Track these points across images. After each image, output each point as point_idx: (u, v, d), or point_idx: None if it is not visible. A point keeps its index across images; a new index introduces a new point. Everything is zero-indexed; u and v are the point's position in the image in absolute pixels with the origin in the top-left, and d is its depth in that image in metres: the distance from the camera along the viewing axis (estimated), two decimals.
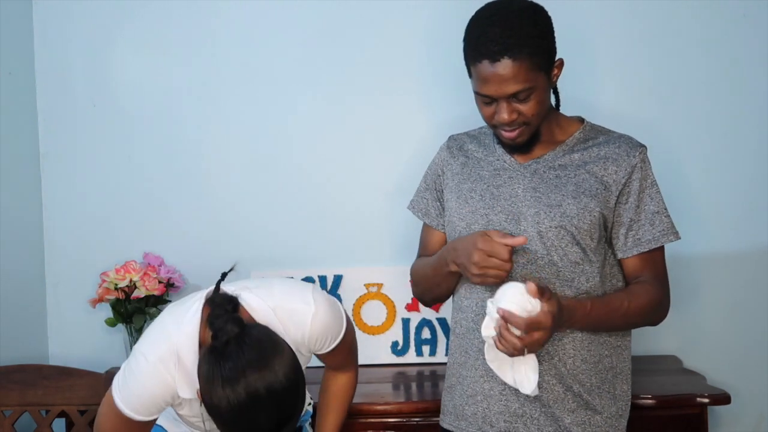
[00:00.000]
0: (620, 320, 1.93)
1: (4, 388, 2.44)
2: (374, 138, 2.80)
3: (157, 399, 1.79)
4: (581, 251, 1.93)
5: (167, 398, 1.80)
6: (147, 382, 1.78)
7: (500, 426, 1.96)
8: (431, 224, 2.15)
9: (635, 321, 1.97)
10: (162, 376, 1.77)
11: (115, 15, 2.77)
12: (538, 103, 1.89)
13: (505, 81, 1.85)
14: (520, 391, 1.87)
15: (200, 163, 2.81)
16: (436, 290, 2.10)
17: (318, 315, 1.87)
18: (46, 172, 2.81)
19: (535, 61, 1.85)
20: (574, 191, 1.93)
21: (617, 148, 1.95)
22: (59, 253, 2.82)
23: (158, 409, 1.82)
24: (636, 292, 1.94)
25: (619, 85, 2.76)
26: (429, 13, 2.74)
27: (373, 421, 2.40)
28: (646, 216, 1.94)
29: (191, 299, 1.85)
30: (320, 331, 1.88)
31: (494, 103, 1.90)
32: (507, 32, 1.84)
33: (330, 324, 1.90)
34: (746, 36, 2.74)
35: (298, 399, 1.69)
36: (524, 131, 1.93)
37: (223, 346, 1.66)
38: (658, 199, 1.96)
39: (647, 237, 1.94)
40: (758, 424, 2.82)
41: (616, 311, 1.91)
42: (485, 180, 2.01)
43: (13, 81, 2.71)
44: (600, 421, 1.95)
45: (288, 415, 1.68)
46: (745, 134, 2.77)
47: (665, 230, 1.95)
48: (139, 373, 1.78)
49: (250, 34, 2.79)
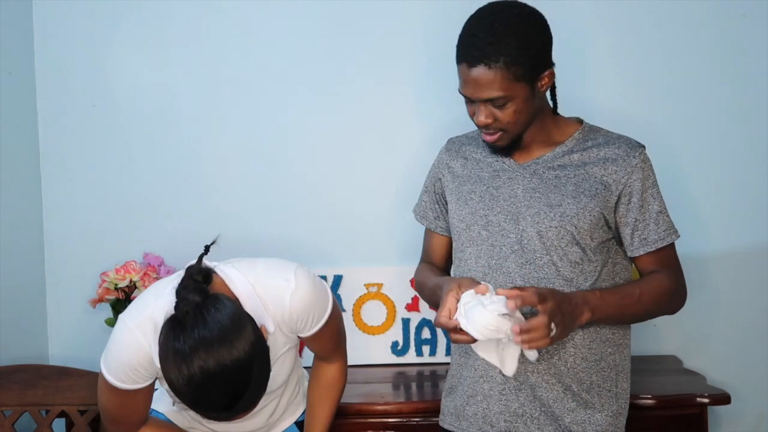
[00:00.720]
0: (635, 307, 1.93)
1: (4, 388, 2.44)
2: (374, 138, 2.80)
3: (134, 365, 1.79)
4: (581, 251, 1.93)
5: (145, 365, 1.78)
6: (125, 348, 1.79)
7: (500, 426, 1.96)
8: (429, 227, 2.19)
9: (650, 308, 1.96)
10: (139, 342, 1.77)
11: (115, 15, 2.77)
12: (516, 112, 1.89)
13: (480, 86, 1.87)
14: (502, 372, 1.89)
15: (200, 163, 2.81)
16: (434, 303, 2.11)
17: (297, 292, 1.84)
18: (46, 172, 2.81)
19: (512, 71, 1.85)
20: (574, 191, 1.93)
21: (617, 149, 1.95)
22: (59, 253, 2.82)
23: (140, 377, 1.81)
24: (648, 280, 1.95)
25: (618, 85, 2.76)
26: (429, 13, 2.74)
27: (373, 421, 2.40)
28: (650, 216, 1.94)
29: (176, 273, 1.85)
30: (300, 309, 1.85)
31: (474, 104, 1.92)
32: (489, 39, 1.84)
33: (311, 303, 1.87)
34: (746, 36, 2.74)
35: (251, 377, 1.65)
36: (503, 136, 1.94)
37: (183, 316, 1.65)
38: (660, 198, 1.97)
39: (653, 237, 1.95)
40: (758, 424, 2.82)
41: (629, 297, 1.91)
42: (484, 181, 2.02)
43: (13, 81, 2.71)
44: (600, 419, 1.95)
45: (241, 393, 1.65)
46: (745, 134, 2.77)
47: (668, 229, 1.97)
48: (119, 340, 1.81)
49: (250, 35, 2.79)
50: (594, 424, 1.94)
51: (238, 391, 1.65)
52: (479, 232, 2.00)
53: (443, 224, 2.16)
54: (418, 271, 2.21)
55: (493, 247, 1.98)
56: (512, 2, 1.93)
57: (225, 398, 1.64)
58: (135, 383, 1.82)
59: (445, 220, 2.15)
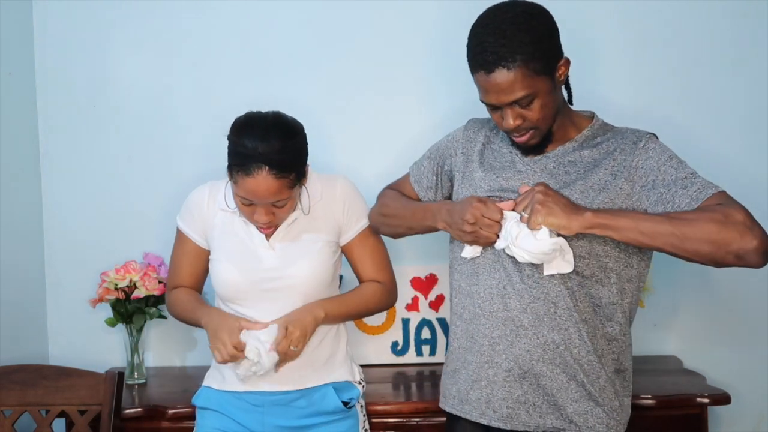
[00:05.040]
0: (683, 224, 1.73)
1: (4, 388, 2.44)
2: (373, 137, 2.81)
3: (193, 204, 2.26)
4: (588, 245, 1.92)
5: (201, 205, 2.24)
6: (192, 194, 2.29)
7: (503, 412, 1.96)
8: (418, 192, 2.20)
9: (694, 233, 1.74)
10: (202, 187, 2.28)
11: (115, 15, 2.77)
12: (543, 106, 1.89)
13: (502, 90, 1.86)
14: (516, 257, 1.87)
15: (200, 162, 2.80)
16: (401, 230, 2.20)
17: (345, 180, 2.27)
18: (46, 172, 2.82)
19: (531, 67, 1.85)
20: (582, 185, 1.92)
21: (623, 140, 1.95)
22: (59, 253, 2.82)
23: (192, 221, 2.25)
24: (704, 207, 1.78)
25: (629, 81, 2.78)
26: (429, 13, 2.75)
27: (373, 421, 2.40)
28: (676, 183, 1.83)
29: None
30: (349, 193, 2.24)
31: (500, 110, 1.91)
32: (500, 41, 1.84)
33: (355, 196, 2.26)
34: (747, 35, 2.75)
35: (293, 135, 2.09)
36: (534, 134, 1.94)
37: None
38: (682, 167, 1.86)
39: (685, 201, 1.81)
40: (758, 424, 2.82)
41: (677, 217, 1.75)
42: (495, 170, 2.02)
43: (13, 81, 2.71)
44: (601, 413, 1.95)
45: (280, 133, 2.05)
46: (756, 130, 2.77)
47: (701, 187, 1.81)
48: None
49: (250, 34, 2.79)
50: (595, 416, 1.94)
51: (279, 129, 2.05)
52: None
53: (432, 196, 2.17)
54: (388, 194, 2.24)
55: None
56: (511, 2, 1.92)
57: (267, 128, 2.04)
58: (187, 226, 2.26)
59: (435, 192, 2.16)
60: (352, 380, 2.27)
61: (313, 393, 2.21)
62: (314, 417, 2.20)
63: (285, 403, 2.20)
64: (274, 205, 2.09)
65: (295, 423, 2.20)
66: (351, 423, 2.23)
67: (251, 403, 2.20)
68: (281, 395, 2.19)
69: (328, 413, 2.21)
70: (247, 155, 2.03)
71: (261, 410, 2.20)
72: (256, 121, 2.09)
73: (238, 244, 2.19)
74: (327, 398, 2.20)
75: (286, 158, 2.04)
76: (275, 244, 2.18)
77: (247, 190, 2.05)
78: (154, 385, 2.66)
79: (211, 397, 2.24)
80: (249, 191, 2.05)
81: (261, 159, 2.02)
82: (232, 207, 2.18)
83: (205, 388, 2.27)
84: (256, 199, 2.06)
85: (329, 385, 2.21)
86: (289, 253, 2.18)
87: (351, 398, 2.24)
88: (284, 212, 2.13)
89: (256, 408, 2.20)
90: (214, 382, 2.25)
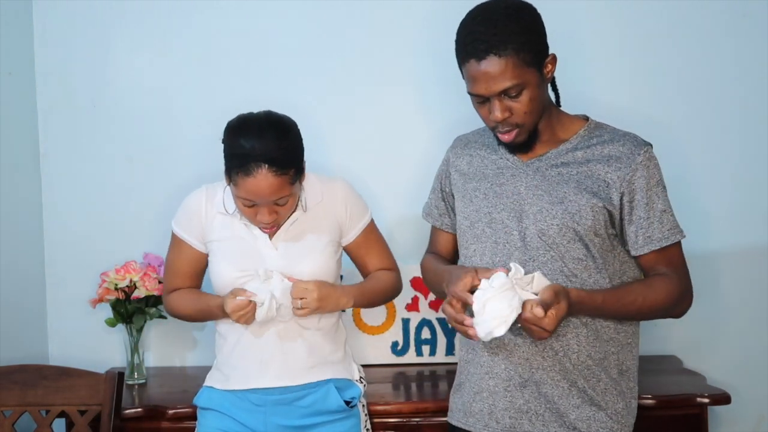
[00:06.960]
0: (635, 313, 1.95)
1: (4, 388, 2.44)
2: (375, 139, 2.81)
3: (188, 209, 2.25)
4: (584, 248, 1.93)
5: (194, 209, 2.24)
6: (186, 199, 2.28)
7: (505, 422, 1.97)
8: (434, 224, 2.21)
9: (652, 315, 1.98)
10: (198, 191, 2.27)
11: (115, 15, 2.77)
12: (531, 99, 1.90)
13: (492, 78, 1.86)
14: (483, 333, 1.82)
15: (200, 162, 2.80)
16: (437, 292, 2.19)
17: (345, 182, 2.29)
18: (46, 172, 2.81)
19: (522, 57, 1.86)
20: (576, 188, 1.93)
21: (621, 146, 1.95)
22: (59, 253, 2.82)
23: (189, 226, 2.24)
24: (654, 285, 1.93)
25: (623, 83, 2.77)
26: (434, 10, 2.75)
27: (373, 421, 2.39)
28: (655, 214, 1.93)
29: None
30: (350, 194, 2.27)
31: (487, 103, 1.91)
32: (491, 30, 1.86)
33: (356, 196, 2.29)
34: (747, 35, 2.75)
35: (287, 130, 2.10)
36: (520, 132, 1.94)
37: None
38: (665, 197, 1.96)
39: (657, 235, 1.93)
40: (758, 424, 2.82)
41: (631, 305, 1.92)
42: (489, 179, 2.02)
43: (13, 81, 2.71)
44: (604, 417, 1.95)
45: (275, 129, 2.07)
46: (752, 131, 2.77)
47: (672, 228, 1.95)
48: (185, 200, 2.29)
49: (250, 34, 2.79)
50: (599, 422, 1.94)
51: (273, 126, 2.07)
52: (483, 230, 2.00)
53: (448, 221, 2.17)
54: (425, 259, 2.22)
55: (497, 244, 1.98)
56: None
57: (262, 127, 2.06)
58: (185, 232, 2.24)
59: (450, 217, 2.16)
60: (352, 378, 2.27)
61: (315, 391, 2.20)
62: (317, 416, 2.20)
63: (287, 402, 2.20)
64: (277, 204, 2.09)
65: (297, 422, 2.20)
66: (353, 422, 2.23)
67: (254, 403, 2.20)
68: (283, 394, 2.19)
69: (331, 412, 2.21)
70: (246, 155, 2.03)
71: (263, 410, 2.20)
72: (250, 122, 2.10)
73: (240, 245, 2.19)
74: (329, 397, 2.20)
75: (284, 154, 2.05)
76: (278, 243, 2.19)
77: (249, 191, 2.05)
78: (154, 385, 2.66)
79: (213, 398, 2.24)
80: (250, 191, 2.05)
81: (260, 158, 2.02)
82: (231, 210, 2.18)
83: (207, 388, 2.27)
84: (258, 199, 2.06)
85: (330, 383, 2.21)
86: (293, 252, 2.19)
87: (353, 397, 2.24)
88: (286, 210, 2.13)
89: (258, 408, 2.20)
90: (216, 382, 2.25)
